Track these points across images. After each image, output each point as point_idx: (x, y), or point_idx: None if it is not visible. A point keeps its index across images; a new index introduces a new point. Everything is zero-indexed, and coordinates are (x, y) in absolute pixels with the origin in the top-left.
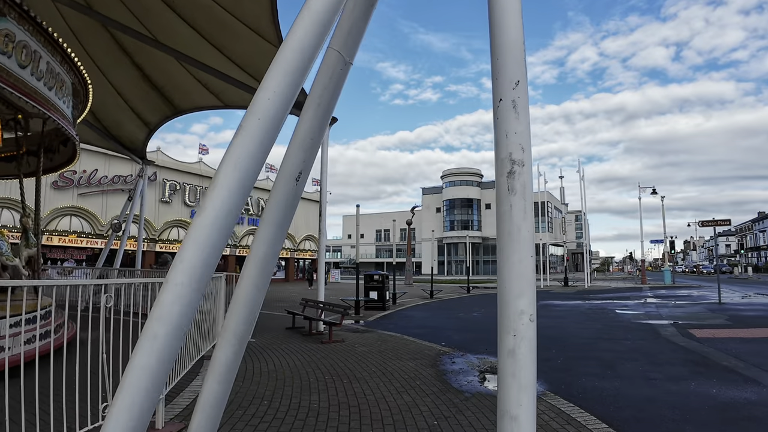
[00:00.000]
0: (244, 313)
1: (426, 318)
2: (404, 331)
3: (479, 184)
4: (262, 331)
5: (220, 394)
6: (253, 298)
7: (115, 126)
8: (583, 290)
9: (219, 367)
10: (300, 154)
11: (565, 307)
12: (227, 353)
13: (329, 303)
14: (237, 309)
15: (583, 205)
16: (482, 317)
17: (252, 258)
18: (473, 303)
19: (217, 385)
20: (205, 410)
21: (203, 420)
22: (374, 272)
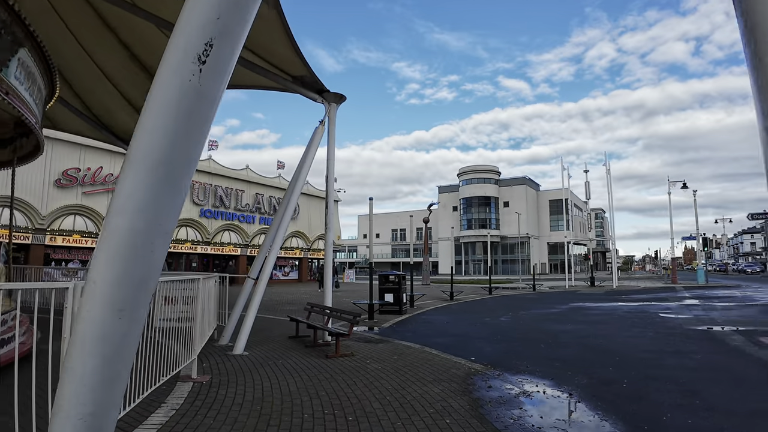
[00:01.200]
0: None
1: (448, 324)
2: (425, 341)
3: (497, 182)
4: (261, 341)
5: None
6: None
7: (107, 114)
8: (613, 290)
9: None
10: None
11: (601, 311)
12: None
13: (337, 309)
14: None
15: (609, 201)
16: (512, 323)
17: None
18: (498, 306)
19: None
20: None
21: None
22: (390, 272)
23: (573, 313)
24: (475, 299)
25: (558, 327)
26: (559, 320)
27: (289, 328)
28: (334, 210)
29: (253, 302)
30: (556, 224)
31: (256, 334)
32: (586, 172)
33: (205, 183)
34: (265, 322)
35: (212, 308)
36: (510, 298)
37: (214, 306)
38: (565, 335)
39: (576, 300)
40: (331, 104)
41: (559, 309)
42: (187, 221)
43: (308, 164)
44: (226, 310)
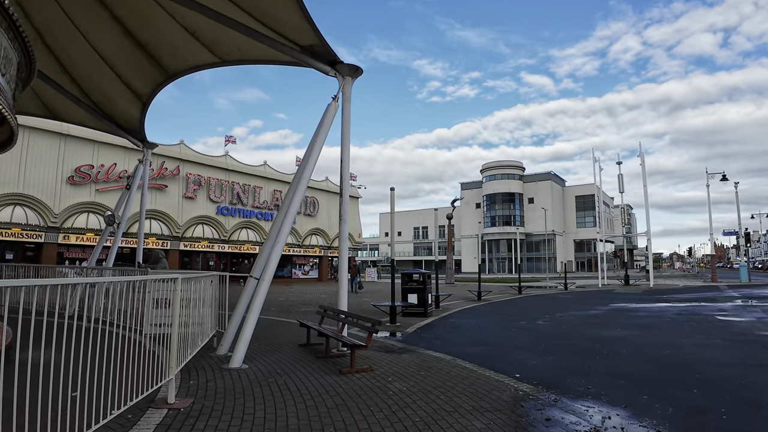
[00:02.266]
0: None
1: (480, 329)
2: (456, 351)
3: (521, 178)
4: (268, 349)
5: None
6: None
7: (107, 102)
8: (651, 290)
9: None
10: None
11: (648, 313)
12: None
13: (353, 314)
14: None
15: (645, 195)
16: (552, 328)
17: None
18: (531, 307)
19: None
20: None
21: None
22: (414, 271)
23: (617, 316)
24: (504, 299)
25: (607, 333)
26: (605, 324)
27: (300, 333)
28: (355, 207)
29: (254, 305)
30: (582, 221)
31: (262, 341)
32: (619, 164)
33: (222, 180)
34: (276, 326)
35: (208, 312)
36: (542, 298)
37: (211, 310)
38: (619, 344)
39: (615, 300)
40: (345, 78)
41: (600, 311)
42: (203, 219)
43: (319, 146)
44: (226, 312)
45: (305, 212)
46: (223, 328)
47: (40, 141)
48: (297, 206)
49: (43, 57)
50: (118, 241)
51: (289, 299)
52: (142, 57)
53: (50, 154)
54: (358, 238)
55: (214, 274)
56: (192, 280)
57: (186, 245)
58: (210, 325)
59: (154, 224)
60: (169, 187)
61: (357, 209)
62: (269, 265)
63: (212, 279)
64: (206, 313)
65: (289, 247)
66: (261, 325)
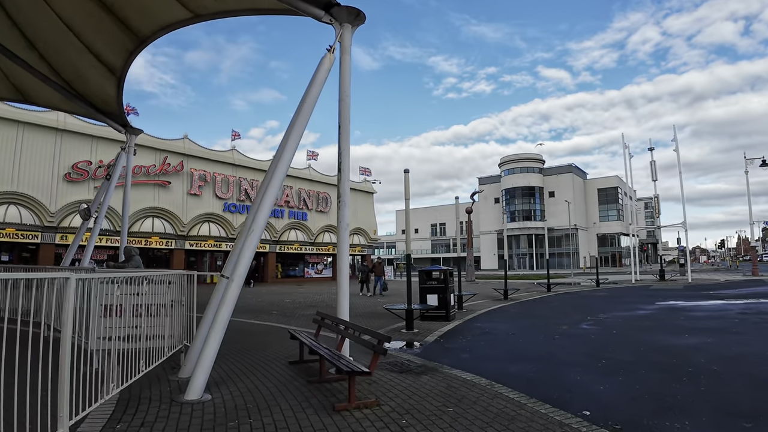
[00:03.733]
0: None
1: (515, 335)
2: (491, 370)
3: (541, 171)
4: (250, 367)
5: None
6: None
7: (79, 79)
8: (692, 285)
9: None
10: None
11: (707, 312)
12: None
13: (356, 325)
14: None
15: (680, 184)
16: (603, 334)
17: None
18: (566, 306)
19: None
20: None
21: None
22: (433, 267)
23: (673, 317)
24: (533, 298)
25: (674, 341)
26: (664, 328)
27: (295, 345)
28: (369, 203)
29: (220, 315)
30: (605, 214)
31: (246, 356)
32: (651, 150)
33: (229, 175)
34: (270, 335)
35: (169, 322)
36: (575, 297)
37: (172, 318)
38: (699, 356)
39: (658, 298)
40: (344, 25)
41: (649, 310)
42: (210, 216)
43: (308, 108)
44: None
45: (317, 209)
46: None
47: (35, 136)
48: (278, 184)
49: (6, 30)
50: (95, 238)
51: (296, 301)
52: (110, 21)
53: (46, 150)
54: (374, 235)
55: (175, 273)
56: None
57: (192, 244)
58: (175, 336)
59: (157, 222)
60: (173, 183)
61: (372, 205)
62: (241, 261)
63: (173, 280)
64: (167, 323)
65: (301, 245)
66: (252, 334)
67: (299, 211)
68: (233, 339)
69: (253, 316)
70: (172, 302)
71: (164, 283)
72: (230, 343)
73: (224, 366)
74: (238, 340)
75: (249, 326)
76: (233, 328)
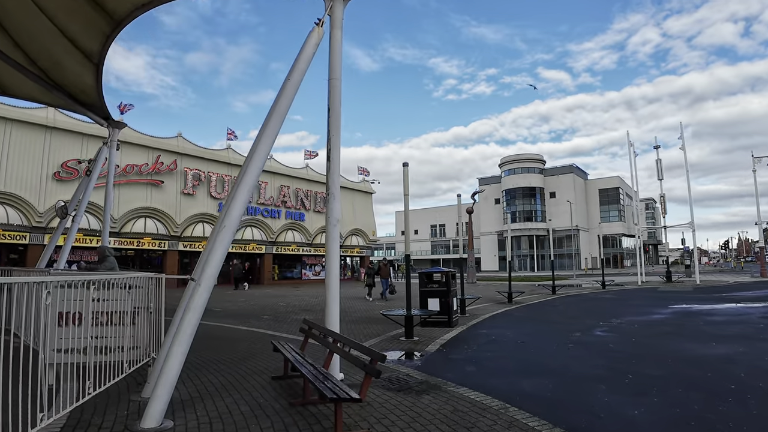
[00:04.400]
0: None
1: (525, 344)
2: (502, 387)
3: (542, 171)
4: (226, 383)
5: None
6: None
7: (55, 68)
8: (701, 287)
9: None
10: None
11: (726, 317)
12: None
13: (347, 339)
14: None
15: (687, 183)
16: (621, 342)
17: None
18: (575, 310)
19: None
20: None
21: None
22: (435, 269)
23: (691, 323)
24: (539, 301)
25: (702, 350)
26: (686, 335)
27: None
28: (368, 203)
29: (184, 326)
30: (606, 215)
31: (224, 369)
32: (657, 148)
33: (224, 175)
34: (257, 343)
35: (134, 332)
36: (582, 299)
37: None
38: (740, 369)
39: (670, 301)
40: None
41: (664, 315)
42: (204, 217)
43: (293, 87)
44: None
45: (315, 209)
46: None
47: (24, 134)
48: (256, 173)
49: None
50: (72, 238)
51: (291, 304)
52: (84, 1)
53: (35, 148)
54: (372, 236)
55: (141, 276)
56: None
57: (185, 245)
58: (142, 348)
59: (149, 223)
60: (166, 182)
61: (371, 205)
62: (210, 262)
63: (139, 284)
64: (132, 333)
65: (298, 246)
66: (236, 342)
67: (296, 211)
68: (214, 348)
69: (242, 321)
70: (138, 309)
71: (129, 288)
72: (209, 352)
73: (197, 381)
74: (219, 349)
75: (235, 333)
76: (216, 335)
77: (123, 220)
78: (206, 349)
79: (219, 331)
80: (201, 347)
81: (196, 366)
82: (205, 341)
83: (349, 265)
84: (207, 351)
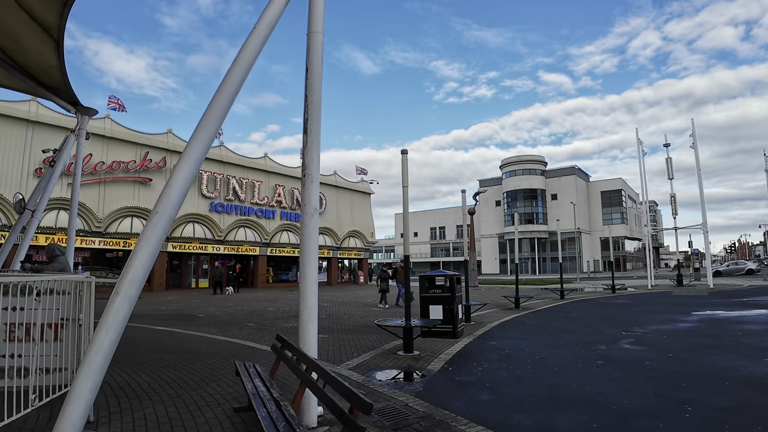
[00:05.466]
0: None
1: (546, 361)
2: (531, 426)
3: (543, 173)
4: (179, 414)
5: None
6: None
7: (15, 46)
8: (717, 291)
9: None
10: None
11: (761, 324)
12: None
13: (322, 370)
14: None
15: (698, 181)
16: (656, 356)
17: None
18: (590, 317)
19: None
20: None
21: None
22: (438, 272)
23: (727, 333)
24: (548, 307)
25: (763, 368)
26: (732, 348)
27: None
28: (367, 203)
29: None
30: (609, 217)
31: (179, 394)
32: (667, 146)
33: (216, 173)
34: (230, 357)
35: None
36: (594, 305)
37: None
38: None
39: (690, 306)
40: None
41: (691, 323)
42: (194, 217)
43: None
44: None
45: None
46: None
47: (4, 128)
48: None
49: None
50: (30, 236)
51: (281, 309)
52: None
53: (15, 143)
54: (371, 237)
55: (66, 278)
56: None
57: (174, 246)
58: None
59: (136, 222)
60: (154, 180)
61: (369, 206)
62: (134, 263)
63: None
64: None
65: (293, 248)
66: (204, 357)
67: (292, 212)
68: (175, 365)
69: (222, 329)
70: (63, 321)
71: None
72: (168, 372)
73: (136, 415)
74: (181, 366)
75: (209, 345)
76: (185, 347)
77: (108, 220)
78: (166, 366)
79: (192, 341)
80: (161, 363)
81: (145, 390)
82: (170, 356)
83: (347, 268)
84: (166, 369)
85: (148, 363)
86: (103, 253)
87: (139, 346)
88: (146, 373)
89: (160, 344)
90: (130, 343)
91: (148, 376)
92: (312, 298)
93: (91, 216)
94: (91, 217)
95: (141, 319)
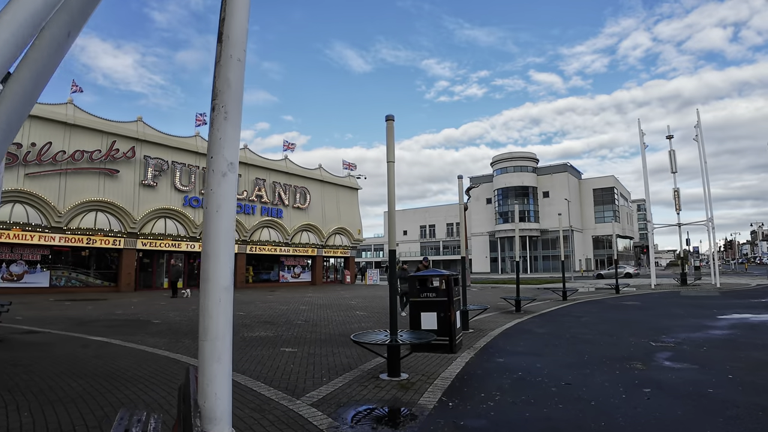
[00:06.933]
0: None
1: (573, 388)
2: None
3: (535, 170)
4: None
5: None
6: None
7: None
8: (727, 291)
9: None
10: None
11: None
12: None
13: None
14: None
15: (703, 176)
16: (717, 379)
17: None
18: (604, 322)
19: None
20: None
21: None
22: (432, 272)
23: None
24: (552, 309)
25: None
26: None
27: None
28: (354, 199)
29: None
30: (601, 215)
31: None
32: (670, 138)
33: (191, 165)
34: (163, 383)
35: None
36: (602, 307)
37: None
38: None
39: (712, 309)
40: None
41: (724, 330)
42: (166, 212)
43: None
44: None
45: (294, 205)
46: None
47: None
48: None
49: None
50: None
51: (252, 314)
52: None
53: None
54: (358, 235)
55: None
56: None
57: (144, 243)
58: None
59: (101, 217)
60: (122, 172)
61: (356, 202)
62: None
63: None
64: None
65: (275, 246)
66: (127, 382)
67: (274, 207)
68: (74, 397)
69: (173, 340)
70: None
71: None
72: (58, 408)
73: None
74: (82, 398)
75: (137, 364)
76: (110, 368)
77: (70, 215)
78: (64, 400)
79: (122, 359)
80: (61, 395)
81: None
82: (79, 382)
83: (333, 267)
84: (60, 405)
85: (44, 392)
86: (64, 251)
87: (51, 367)
88: (30, 411)
89: (78, 363)
90: (42, 362)
91: (30, 415)
92: (221, 318)
93: (50, 210)
94: (49, 210)
95: (82, 327)
